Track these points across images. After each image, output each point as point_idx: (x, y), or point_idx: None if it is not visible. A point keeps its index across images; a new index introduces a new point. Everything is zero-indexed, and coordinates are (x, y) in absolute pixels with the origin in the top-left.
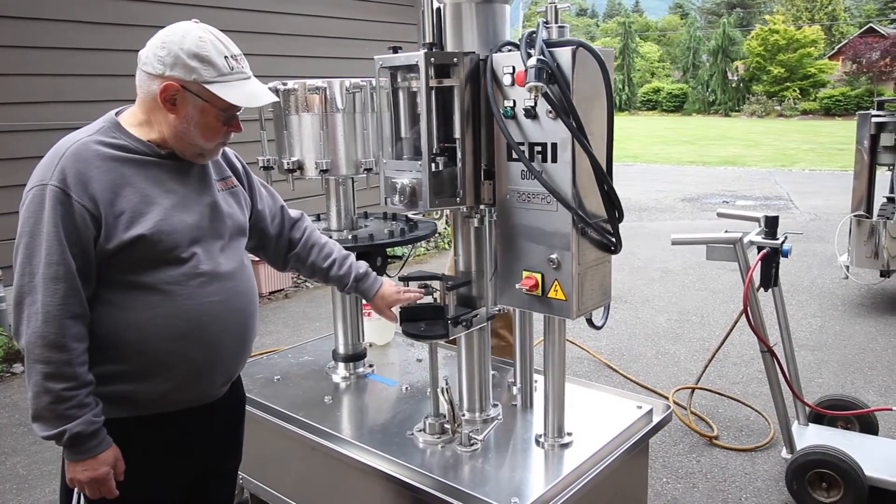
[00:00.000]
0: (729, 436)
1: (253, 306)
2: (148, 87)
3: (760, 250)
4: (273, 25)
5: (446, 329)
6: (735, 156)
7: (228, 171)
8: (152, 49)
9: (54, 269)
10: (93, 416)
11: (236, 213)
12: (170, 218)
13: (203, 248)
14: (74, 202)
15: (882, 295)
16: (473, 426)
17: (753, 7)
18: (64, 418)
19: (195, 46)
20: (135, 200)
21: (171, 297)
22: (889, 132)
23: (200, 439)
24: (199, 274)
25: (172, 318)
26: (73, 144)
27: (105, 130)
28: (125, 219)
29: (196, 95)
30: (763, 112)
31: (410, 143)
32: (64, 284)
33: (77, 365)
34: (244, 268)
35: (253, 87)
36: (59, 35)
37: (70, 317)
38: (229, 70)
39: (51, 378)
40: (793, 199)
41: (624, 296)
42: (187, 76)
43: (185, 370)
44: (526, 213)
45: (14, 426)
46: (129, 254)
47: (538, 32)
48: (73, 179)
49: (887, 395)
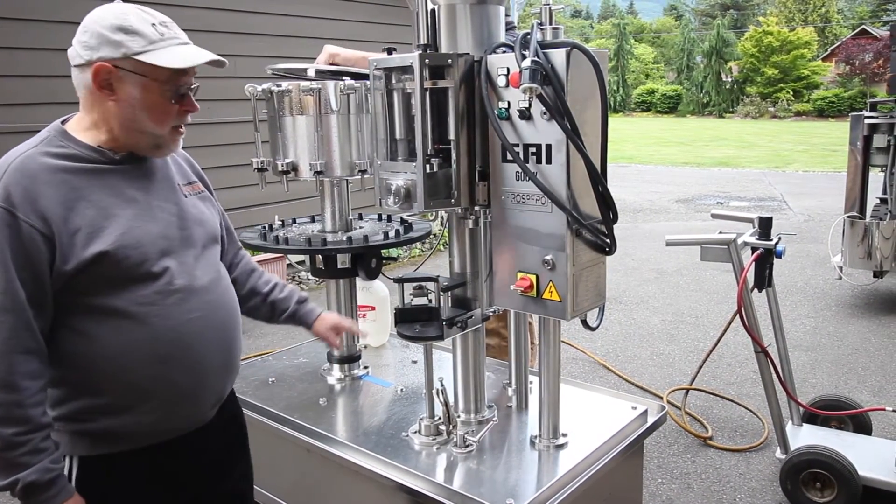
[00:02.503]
0: (723, 436)
1: (235, 319)
2: (82, 80)
3: (754, 251)
4: (266, 27)
5: (441, 330)
6: (729, 157)
7: (194, 176)
8: (75, 41)
9: (0, 300)
10: (50, 462)
11: (207, 220)
12: (133, 230)
13: (175, 261)
14: (22, 222)
15: (875, 295)
16: (469, 428)
17: (747, 9)
18: (16, 466)
19: (116, 20)
20: (91, 214)
21: (147, 319)
22: (882, 133)
23: (195, 467)
24: (175, 290)
25: (151, 343)
26: (17, 159)
27: (50, 140)
28: (82, 236)
29: (131, 72)
30: (757, 113)
31: (405, 144)
32: (11, 316)
33: (30, 406)
34: (221, 278)
35: (188, 49)
36: (48, 36)
37: (20, 352)
38: (160, 36)
39: (0, 422)
40: (786, 200)
41: (619, 297)
42: (115, 52)
43: (170, 396)
44: (520, 214)
45: None
46: (93, 274)
47: (532, 34)
48: (20, 197)
49: (881, 395)
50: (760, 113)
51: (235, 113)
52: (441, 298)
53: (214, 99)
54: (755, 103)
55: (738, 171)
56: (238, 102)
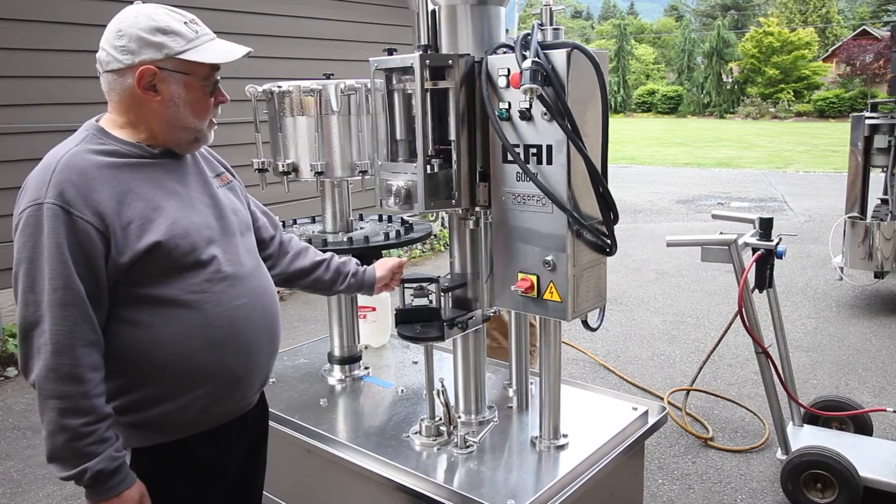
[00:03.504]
0: (724, 437)
1: (276, 304)
2: (121, 85)
3: (755, 252)
4: (266, 28)
5: (442, 331)
6: (730, 157)
7: (221, 167)
8: (110, 44)
9: (61, 295)
10: (114, 451)
11: (239, 208)
12: (180, 220)
13: (220, 249)
14: (76, 218)
15: (876, 296)
16: (469, 428)
17: (747, 9)
18: (84, 456)
19: (152, 21)
20: (140, 207)
21: (199, 305)
22: (882, 134)
23: (235, 456)
24: (223, 277)
25: (205, 329)
26: (64, 156)
27: (91, 138)
28: (135, 228)
29: (174, 71)
30: (757, 114)
31: (405, 145)
32: (73, 310)
33: (94, 397)
34: (260, 264)
35: (223, 44)
36: (44, 37)
37: (83, 345)
38: (195, 34)
39: (67, 413)
40: (787, 201)
41: (619, 297)
42: (158, 54)
43: (224, 380)
44: (521, 214)
45: (7, 430)
46: (146, 265)
47: (533, 34)
48: (73, 194)
49: (881, 395)
50: (761, 113)
51: (236, 114)
52: (442, 299)
53: None
54: (756, 104)
55: (739, 171)
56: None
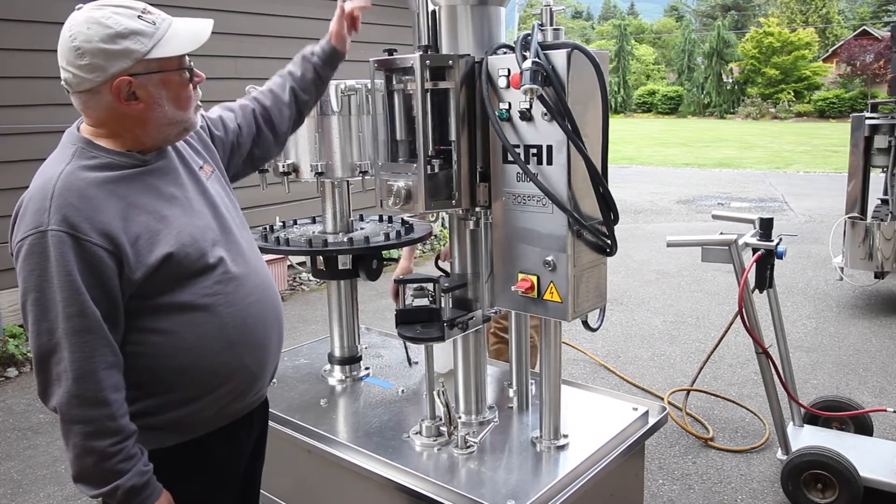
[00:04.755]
0: (724, 437)
1: (277, 295)
2: (98, 103)
3: (755, 252)
4: (265, 28)
5: (442, 332)
6: (730, 158)
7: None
8: (73, 65)
9: (76, 322)
10: (143, 465)
11: (229, 201)
12: (185, 227)
13: (224, 249)
14: (85, 244)
15: (876, 296)
16: (469, 429)
17: (748, 10)
18: (115, 474)
19: (107, 28)
20: (145, 220)
21: (213, 308)
22: (883, 134)
23: (245, 449)
24: (232, 277)
25: (221, 330)
26: (59, 178)
27: (81, 153)
28: (144, 242)
29: (149, 73)
30: (758, 114)
31: (406, 145)
32: (90, 336)
33: (120, 417)
34: (259, 256)
35: (184, 25)
36: (40, 38)
37: (104, 368)
38: (154, 27)
39: (93, 437)
40: (787, 201)
41: (619, 298)
42: (127, 62)
43: (242, 378)
44: (521, 215)
45: (8, 431)
46: (159, 276)
47: (533, 35)
48: (78, 218)
49: (882, 396)
50: (761, 114)
51: None
52: (442, 299)
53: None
54: (756, 104)
55: (739, 171)
56: None
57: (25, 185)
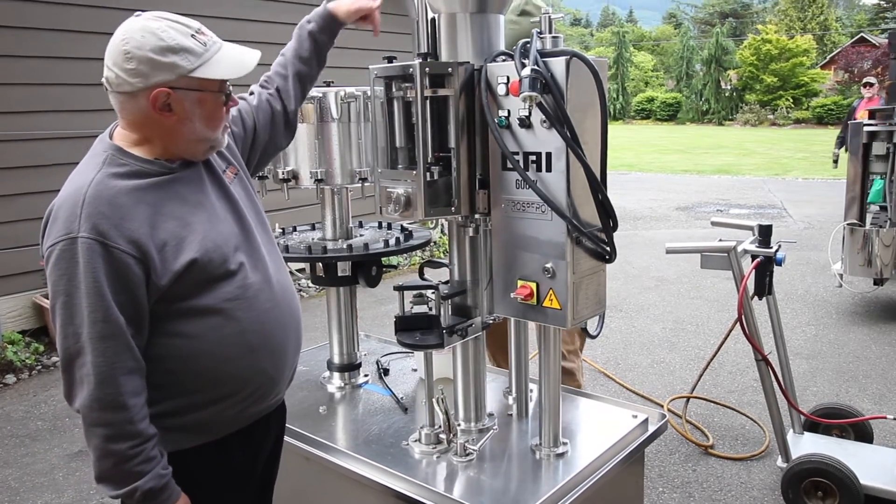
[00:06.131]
0: (724, 445)
1: (296, 299)
2: (134, 105)
3: (754, 259)
4: (266, 35)
5: (441, 338)
6: (729, 164)
7: (230, 156)
8: (118, 66)
9: (100, 328)
10: (161, 468)
11: (252, 202)
12: (210, 233)
13: (245, 255)
14: (114, 251)
15: (876, 303)
16: (469, 436)
17: (746, 17)
18: (134, 475)
19: (160, 41)
20: (171, 227)
21: (234, 313)
22: (881, 141)
23: (262, 453)
24: (252, 283)
25: (241, 336)
26: (90, 186)
27: (111, 160)
28: (170, 249)
29: (188, 90)
30: (756, 121)
31: (405, 152)
32: (113, 342)
33: (139, 421)
34: (280, 261)
35: (233, 52)
36: (49, 45)
37: (125, 373)
38: (204, 48)
39: (113, 440)
40: (786, 208)
41: (619, 304)
42: (171, 75)
43: (260, 383)
44: (521, 222)
45: (6, 437)
46: (184, 281)
47: (532, 42)
48: (108, 226)
49: (882, 403)
50: (760, 120)
51: None
52: (441, 307)
53: None
54: (754, 111)
55: (738, 178)
56: None
57: (35, 191)
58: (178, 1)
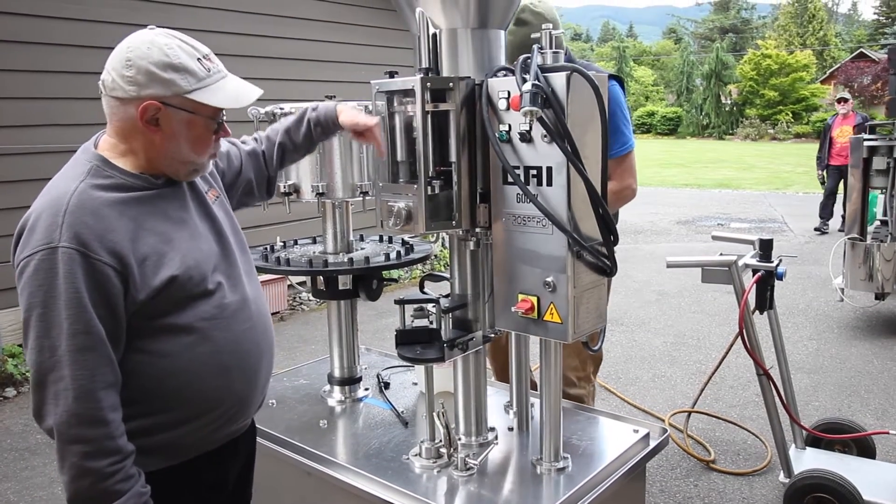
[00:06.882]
0: (726, 460)
1: (270, 322)
2: (123, 112)
3: (755, 273)
4: (269, 50)
5: (442, 352)
6: (729, 178)
7: (210, 179)
8: (117, 71)
9: (81, 340)
10: (140, 487)
11: (231, 225)
12: (191, 251)
13: (224, 275)
14: (95, 262)
15: (877, 318)
16: (469, 450)
17: (746, 32)
18: (112, 494)
19: (164, 56)
20: (153, 242)
21: (209, 333)
22: (881, 156)
23: (230, 475)
24: (229, 303)
25: (215, 355)
26: (73, 195)
27: (96, 171)
28: (150, 264)
29: (180, 109)
30: (756, 135)
31: (406, 166)
32: (93, 354)
33: (118, 437)
34: (257, 283)
35: (235, 84)
36: (41, 59)
37: (104, 387)
38: (207, 73)
39: (91, 457)
40: (787, 222)
41: (620, 318)
42: (166, 91)
43: (232, 404)
44: (521, 236)
45: (5, 451)
46: (162, 298)
47: (533, 58)
48: (89, 236)
49: (884, 418)
50: (760, 135)
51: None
52: (442, 320)
53: None
54: (755, 125)
55: (739, 192)
56: (241, 125)
57: (24, 206)
58: (178, 15)
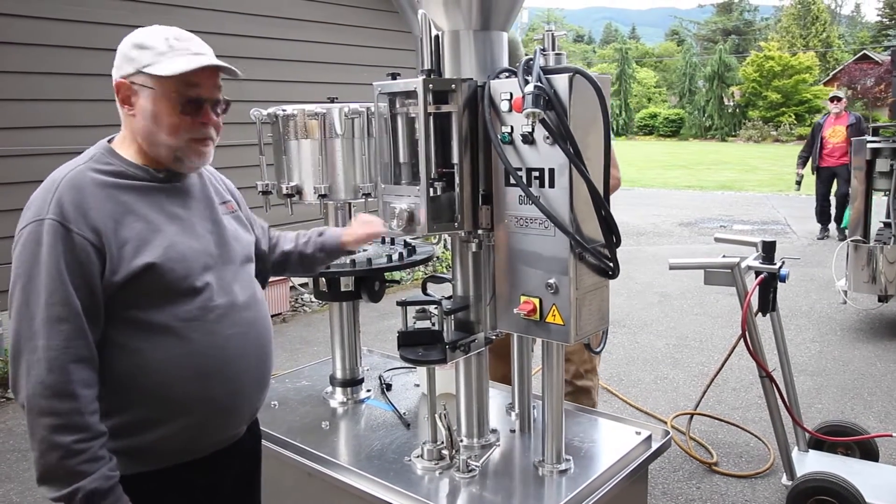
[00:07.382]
0: (728, 462)
1: (269, 336)
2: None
3: (758, 275)
4: (271, 51)
5: (444, 354)
6: (732, 180)
7: (229, 195)
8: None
9: (57, 310)
10: (108, 470)
11: (243, 238)
12: (178, 244)
13: (215, 276)
14: (75, 235)
15: (880, 320)
16: (471, 452)
17: (748, 34)
18: (77, 475)
19: (137, 38)
20: (138, 227)
21: (187, 334)
22: (884, 158)
23: (220, 487)
24: (215, 306)
25: (191, 358)
26: (68, 174)
27: (98, 157)
28: (130, 248)
29: (142, 86)
30: (759, 137)
31: (409, 168)
32: (68, 325)
33: (88, 414)
34: (257, 295)
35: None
36: (40, 61)
37: (76, 360)
38: (168, 48)
39: (59, 430)
40: (790, 224)
41: (622, 320)
42: (130, 68)
43: (211, 411)
44: (524, 237)
45: (8, 452)
46: (139, 286)
47: (535, 59)
48: (72, 211)
49: (887, 420)
50: (763, 137)
51: (241, 136)
52: (444, 322)
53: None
54: (757, 127)
55: (741, 194)
56: (243, 126)
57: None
58: (177, 17)
